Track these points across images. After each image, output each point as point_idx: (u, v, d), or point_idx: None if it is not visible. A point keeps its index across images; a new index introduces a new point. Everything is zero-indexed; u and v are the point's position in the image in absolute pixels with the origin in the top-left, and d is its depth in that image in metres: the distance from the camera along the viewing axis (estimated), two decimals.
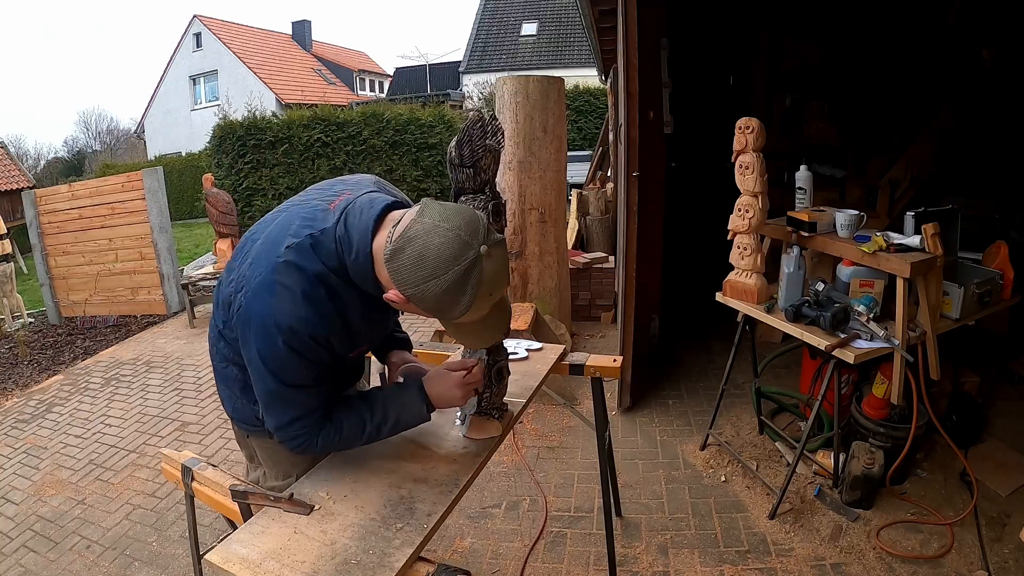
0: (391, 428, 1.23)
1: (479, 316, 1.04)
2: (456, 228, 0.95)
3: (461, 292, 0.96)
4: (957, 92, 3.41)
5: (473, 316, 1.02)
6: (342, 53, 25.96)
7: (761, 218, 2.28)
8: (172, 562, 2.35)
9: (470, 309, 0.98)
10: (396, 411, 1.23)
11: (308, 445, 1.17)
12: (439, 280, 0.95)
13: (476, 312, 1.01)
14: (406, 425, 1.26)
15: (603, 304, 4.73)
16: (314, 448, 1.18)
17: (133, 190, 5.82)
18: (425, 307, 1.00)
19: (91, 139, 31.73)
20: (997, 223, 3.11)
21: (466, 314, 0.99)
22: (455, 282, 0.95)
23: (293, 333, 1.03)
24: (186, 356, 4.79)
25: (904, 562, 2.02)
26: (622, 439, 2.91)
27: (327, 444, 1.19)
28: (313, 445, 1.17)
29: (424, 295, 0.97)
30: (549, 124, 3.64)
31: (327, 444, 1.19)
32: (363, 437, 1.21)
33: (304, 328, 1.04)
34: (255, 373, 1.10)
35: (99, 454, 3.30)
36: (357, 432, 1.20)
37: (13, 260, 6.26)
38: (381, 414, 1.21)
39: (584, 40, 10.21)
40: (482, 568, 2.16)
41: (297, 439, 1.16)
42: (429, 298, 0.97)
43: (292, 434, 1.15)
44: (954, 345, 2.45)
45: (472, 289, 0.96)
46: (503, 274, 1.02)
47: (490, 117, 1.23)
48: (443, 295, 0.96)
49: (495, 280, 0.99)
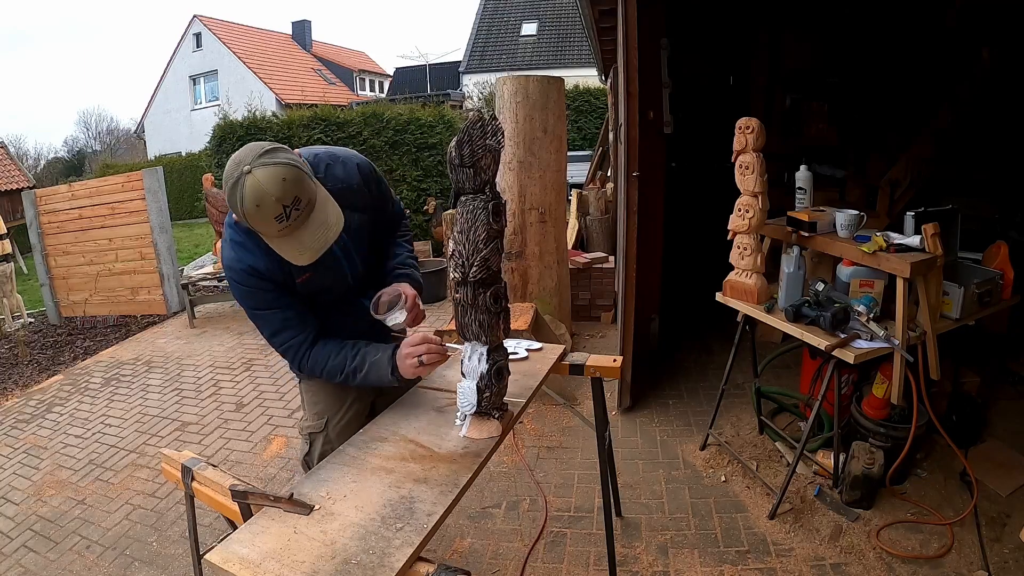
0: (362, 379, 1.46)
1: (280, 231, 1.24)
2: (236, 156, 1.23)
3: (235, 201, 1.22)
4: (957, 92, 3.40)
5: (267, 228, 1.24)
6: (342, 53, 25.95)
7: (761, 218, 2.28)
8: (172, 562, 2.35)
9: (251, 218, 1.22)
10: (369, 365, 1.45)
11: (299, 361, 1.48)
12: (226, 184, 1.23)
13: (262, 222, 1.22)
14: (374, 382, 1.46)
15: (603, 304, 4.73)
16: (305, 366, 1.48)
17: (133, 190, 5.82)
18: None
19: (91, 139, 31.75)
20: (997, 223, 3.11)
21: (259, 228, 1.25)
22: (229, 194, 1.22)
23: (231, 271, 1.40)
24: (186, 356, 4.79)
25: (904, 562, 2.02)
26: (622, 439, 2.91)
27: (314, 368, 1.48)
28: (303, 363, 1.48)
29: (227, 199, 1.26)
30: (549, 124, 3.64)
31: (314, 368, 1.48)
32: (340, 376, 1.47)
33: (236, 264, 1.38)
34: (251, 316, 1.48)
35: (99, 454, 3.30)
36: (337, 370, 1.47)
37: (13, 260, 6.26)
38: (360, 362, 1.46)
39: (584, 40, 10.21)
40: (482, 568, 2.16)
41: (286, 354, 1.49)
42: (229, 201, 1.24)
43: (280, 348, 1.48)
44: (954, 345, 2.45)
45: (241, 198, 1.20)
46: (269, 188, 1.19)
47: (490, 117, 1.23)
48: (229, 198, 1.23)
49: (258, 195, 1.19)
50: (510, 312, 1.40)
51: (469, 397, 1.37)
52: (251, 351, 4.75)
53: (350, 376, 1.46)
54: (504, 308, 1.36)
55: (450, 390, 1.57)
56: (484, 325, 1.33)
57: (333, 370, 1.47)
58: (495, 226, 1.27)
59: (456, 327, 1.39)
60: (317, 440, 1.64)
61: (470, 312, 1.33)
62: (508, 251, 3.67)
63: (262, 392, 3.90)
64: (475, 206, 1.25)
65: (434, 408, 1.55)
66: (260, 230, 1.26)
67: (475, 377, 1.36)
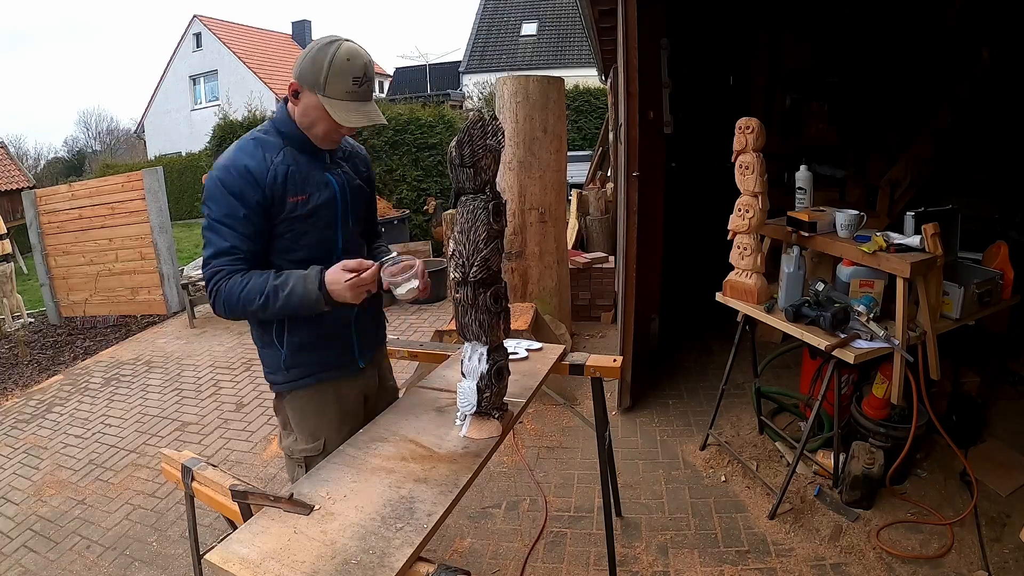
0: (285, 297, 1.34)
1: (351, 91, 1.35)
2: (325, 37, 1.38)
3: (324, 56, 1.33)
4: (957, 92, 3.41)
5: (343, 84, 1.34)
6: None
7: (761, 218, 2.28)
8: (172, 562, 2.35)
9: (339, 69, 1.32)
10: (295, 280, 1.35)
11: (220, 283, 1.35)
12: (311, 51, 1.35)
13: (344, 77, 1.33)
14: (299, 298, 1.34)
15: (603, 304, 4.73)
16: (224, 289, 1.35)
17: (133, 190, 5.82)
18: (302, 75, 1.36)
19: (91, 139, 31.72)
20: (997, 223, 3.11)
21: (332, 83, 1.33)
22: (317, 52, 1.34)
23: (226, 170, 1.36)
24: (186, 356, 4.79)
25: (904, 562, 2.02)
26: (622, 439, 2.91)
27: (231, 292, 1.34)
28: (224, 285, 1.35)
29: (302, 65, 1.36)
30: (549, 124, 3.64)
31: (231, 292, 1.34)
32: (260, 298, 1.34)
33: (235, 163, 1.36)
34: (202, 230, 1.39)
35: (99, 454, 3.30)
36: (257, 291, 1.34)
37: (13, 260, 6.26)
38: (283, 280, 1.35)
39: (584, 40, 10.21)
40: (482, 568, 2.16)
41: (216, 276, 1.36)
42: (306, 64, 1.35)
43: (213, 270, 1.36)
44: (954, 345, 2.45)
45: (334, 53, 1.33)
46: (361, 51, 1.37)
47: (490, 117, 1.23)
48: (313, 60, 1.33)
49: (352, 52, 1.34)
50: (510, 312, 1.40)
51: (469, 397, 1.38)
52: (251, 351, 4.74)
53: (270, 296, 1.33)
54: (504, 308, 1.36)
55: (450, 390, 1.57)
56: (484, 325, 1.33)
57: (251, 291, 1.33)
58: (495, 226, 1.27)
59: (456, 327, 1.39)
60: (315, 464, 1.45)
61: (470, 312, 1.33)
62: (508, 251, 3.67)
63: (262, 392, 3.90)
64: (475, 206, 1.25)
65: (434, 408, 1.55)
66: (335, 84, 1.34)
67: (475, 377, 1.36)
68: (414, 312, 5.47)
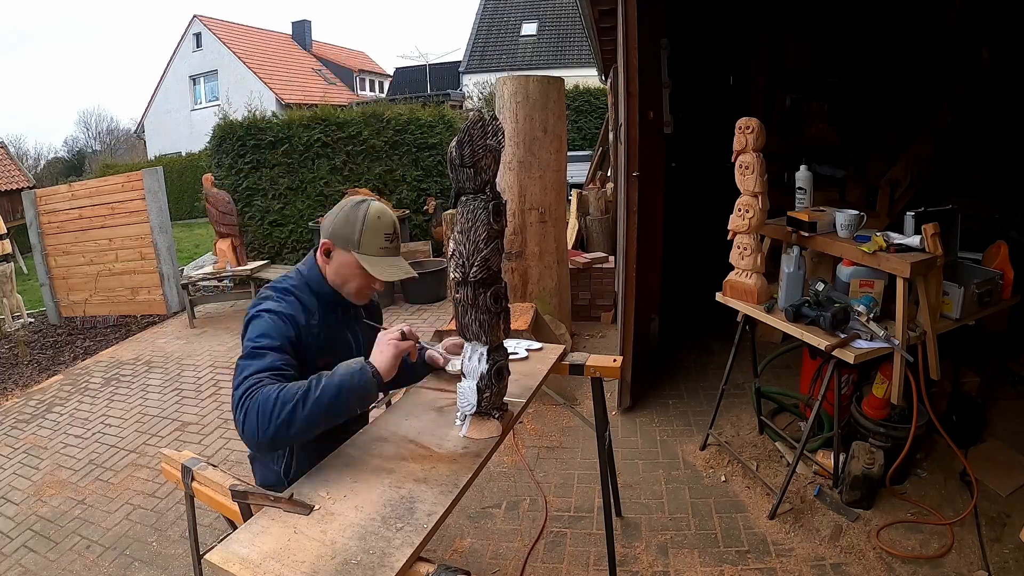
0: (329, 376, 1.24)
1: (383, 247, 1.42)
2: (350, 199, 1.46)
3: (357, 215, 1.41)
4: (957, 92, 3.41)
5: (376, 239, 1.41)
6: (342, 53, 25.94)
7: (761, 218, 2.28)
8: (172, 562, 2.35)
9: (371, 226, 1.40)
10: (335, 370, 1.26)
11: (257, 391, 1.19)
12: (341, 211, 1.43)
13: (377, 232, 1.41)
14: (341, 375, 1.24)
15: (603, 304, 4.73)
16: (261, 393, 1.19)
17: (133, 190, 5.83)
18: (335, 235, 1.42)
19: (91, 139, 31.74)
20: (997, 223, 3.11)
21: (366, 240, 1.40)
22: (350, 212, 1.42)
23: (270, 311, 1.37)
24: (186, 356, 4.79)
25: (904, 562, 2.02)
26: (622, 439, 2.91)
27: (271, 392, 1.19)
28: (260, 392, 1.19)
29: (334, 225, 1.43)
30: (549, 124, 3.64)
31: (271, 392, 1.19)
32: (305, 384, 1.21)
33: (283, 309, 1.37)
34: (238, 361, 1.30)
35: (99, 454, 3.30)
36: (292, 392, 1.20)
37: (13, 260, 6.26)
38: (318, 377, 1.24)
39: (584, 40, 10.21)
40: (482, 568, 2.16)
41: (255, 384, 1.21)
42: (339, 223, 1.42)
43: (252, 380, 1.22)
44: (954, 345, 2.45)
45: (366, 212, 1.41)
46: (388, 211, 1.45)
47: (490, 117, 1.23)
48: (346, 219, 1.41)
49: (381, 211, 1.43)
50: (510, 312, 1.40)
51: (469, 397, 1.37)
52: None
53: (312, 383, 1.22)
54: (504, 308, 1.36)
55: (450, 390, 1.57)
56: (484, 325, 1.33)
57: (291, 388, 1.21)
58: (495, 226, 1.27)
59: (456, 327, 1.39)
60: None
61: (470, 312, 1.33)
62: (508, 251, 3.67)
63: None
64: (475, 206, 1.25)
65: (434, 408, 1.55)
66: (369, 241, 1.41)
67: (475, 377, 1.36)
68: (414, 312, 5.48)
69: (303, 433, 1.21)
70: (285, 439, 1.21)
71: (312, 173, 6.87)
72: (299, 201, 6.89)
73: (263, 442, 1.19)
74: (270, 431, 1.17)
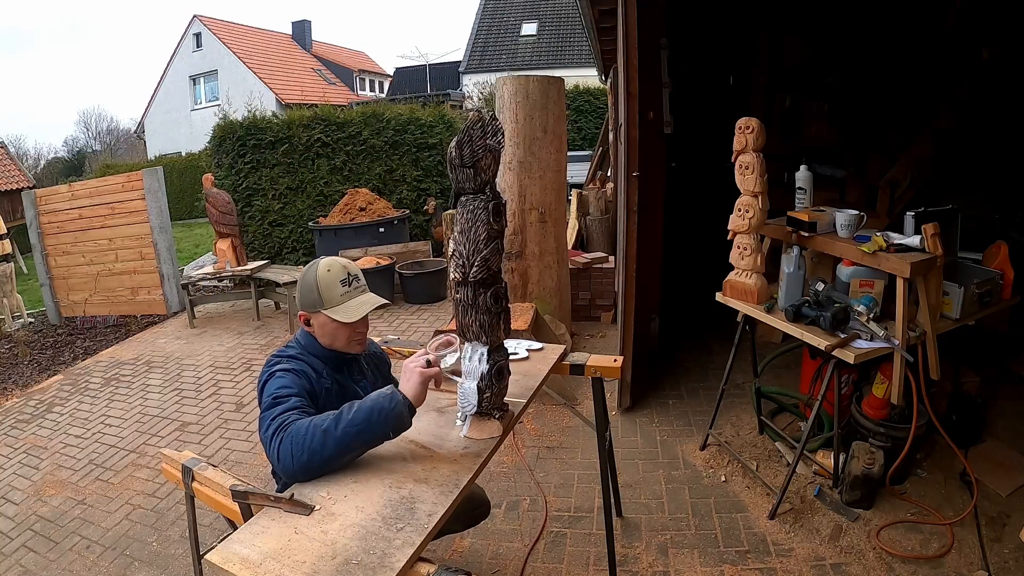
0: (360, 403, 1.26)
1: (343, 293, 1.49)
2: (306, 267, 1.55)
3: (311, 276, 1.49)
4: (957, 92, 3.41)
5: (334, 290, 1.48)
6: (342, 53, 25.95)
7: (761, 218, 2.28)
8: (172, 562, 2.35)
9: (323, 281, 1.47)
10: (365, 399, 1.28)
11: (291, 423, 1.25)
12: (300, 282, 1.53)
13: (331, 284, 1.48)
14: (372, 401, 1.26)
15: (603, 304, 4.73)
16: (294, 426, 1.24)
17: (133, 190, 5.83)
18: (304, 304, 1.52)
19: (91, 139, 31.75)
20: (997, 223, 3.10)
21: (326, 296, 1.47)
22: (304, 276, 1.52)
23: (283, 369, 1.43)
24: (186, 356, 4.79)
25: (904, 562, 2.02)
26: (622, 439, 2.91)
27: (303, 423, 1.25)
28: (294, 424, 1.25)
29: (300, 297, 1.53)
30: (549, 124, 3.64)
31: (303, 423, 1.25)
32: (328, 424, 1.23)
33: (290, 367, 1.44)
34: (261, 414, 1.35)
35: (99, 454, 3.30)
36: (322, 421, 1.24)
37: (13, 260, 6.26)
38: (348, 405, 1.27)
39: (584, 40, 10.22)
40: (482, 568, 2.16)
41: (289, 418, 1.27)
42: (303, 295, 1.51)
43: (278, 423, 1.27)
44: (954, 345, 2.45)
45: (316, 270, 1.49)
46: (334, 261, 1.53)
47: (490, 117, 1.23)
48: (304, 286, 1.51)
49: (330, 264, 1.51)
50: (510, 312, 1.40)
51: (470, 397, 1.38)
52: (251, 351, 4.75)
53: (344, 410, 1.25)
54: (504, 308, 1.36)
55: (450, 390, 1.57)
56: (484, 325, 1.33)
57: (322, 417, 1.26)
58: (495, 226, 1.27)
59: (456, 327, 1.39)
60: None
61: (470, 312, 1.33)
62: (508, 251, 3.67)
63: None
64: (475, 206, 1.25)
65: (434, 408, 1.55)
66: (329, 295, 1.47)
67: (476, 377, 1.36)
68: (414, 312, 5.48)
69: (337, 457, 1.24)
70: (320, 464, 1.23)
71: (312, 173, 6.88)
72: (299, 201, 6.90)
73: (297, 469, 1.23)
74: (304, 456, 1.21)
